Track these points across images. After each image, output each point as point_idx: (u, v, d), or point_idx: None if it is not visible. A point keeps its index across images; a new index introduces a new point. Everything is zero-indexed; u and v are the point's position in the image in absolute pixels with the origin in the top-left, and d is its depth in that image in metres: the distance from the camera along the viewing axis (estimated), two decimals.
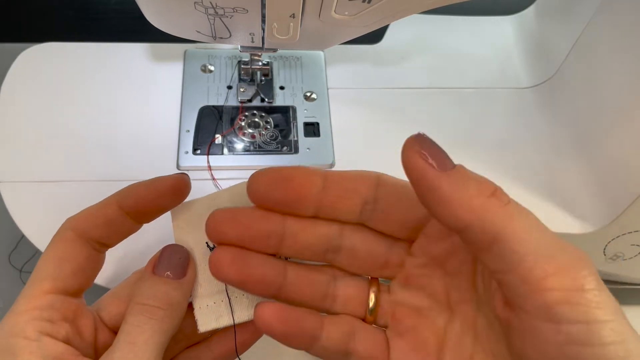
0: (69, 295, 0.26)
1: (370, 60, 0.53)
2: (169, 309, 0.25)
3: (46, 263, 0.26)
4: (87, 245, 0.27)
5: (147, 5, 0.35)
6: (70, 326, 0.26)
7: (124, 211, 0.28)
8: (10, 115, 0.45)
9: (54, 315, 0.25)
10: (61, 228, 0.27)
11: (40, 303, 0.25)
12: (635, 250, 0.45)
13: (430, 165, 0.22)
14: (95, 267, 0.29)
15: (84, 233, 0.27)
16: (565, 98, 0.49)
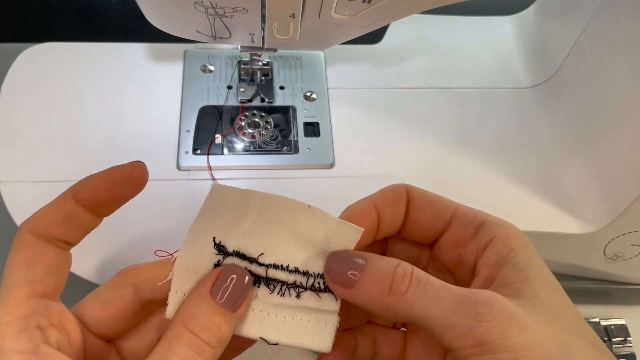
0: (47, 299, 0.25)
1: (370, 60, 0.53)
2: (218, 348, 0.24)
3: (16, 269, 0.24)
4: (51, 244, 0.26)
5: (147, 5, 0.35)
6: (59, 332, 0.24)
7: (81, 204, 0.27)
8: (10, 115, 0.45)
9: (42, 322, 0.23)
10: (18, 233, 0.25)
11: (25, 311, 0.23)
12: (635, 250, 0.45)
13: (341, 287, 0.25)
14: (65, 266, 0.27)
15: (45, 233, 0.26)
16: (565, 98, 0.49)
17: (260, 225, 0.28)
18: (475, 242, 0.26)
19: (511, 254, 0.24)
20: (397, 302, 0.23)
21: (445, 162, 0.46)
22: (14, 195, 0.41)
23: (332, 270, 0.26)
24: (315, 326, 0.26)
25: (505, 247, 0.25)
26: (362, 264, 0.25)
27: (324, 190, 0.44)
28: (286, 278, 0.27)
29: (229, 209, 0.28)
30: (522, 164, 0.47)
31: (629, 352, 0.47)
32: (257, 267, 0.27)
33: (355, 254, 0.26)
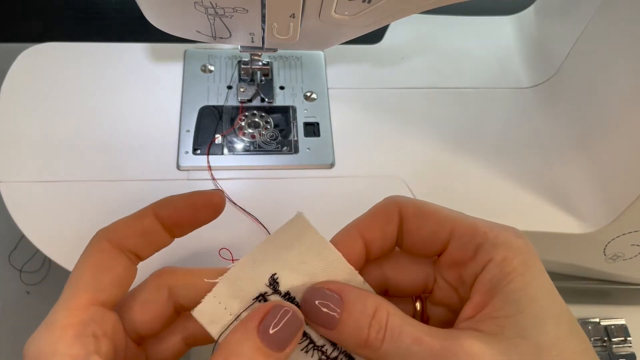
0: (107, 308, 0.25)
1: (370, 60, 0.53)
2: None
3: (84, 273, 0.25)
4: (123, 255, 0.26)
5: (147, 5, 0.35)
6: (109, 343, 0.24)
7: (160, 221, 0.27)
8: (10, 115, 0.45)
9: (97, 331, 0.23)
10: (95, 238, 0.26)
11: (84, 316, 0.23)
12: (635, 250, 0.45)
13: (322, 327, 0.25)
14: (130, 279, 0.27)
15: (120, 243, 0.26)
16: (565, 98, 0.49)
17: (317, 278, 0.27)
18: (473, 264, 0.25)
19: (505, 281, 0.23)
20: (372, 354, 0.23)
21: (445, 162, 0.46)
22: (14, 195, 0.41)
23: (309, 304, 0.25)
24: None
25: (500, 272, 0.23)
26: (339, 301, 0.24)
27: (324, 190, 0.44)
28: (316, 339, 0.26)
29: (302, 248, 0.27)
30: (522, 164, 0.47)
31: (629, 352, 0.47)
32: None
33: (331, 289, 0.25)
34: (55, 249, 0.39)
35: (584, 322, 0.49)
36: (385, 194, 0.44)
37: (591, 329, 0.48)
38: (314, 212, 0.43)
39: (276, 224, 0.42)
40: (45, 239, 0.39)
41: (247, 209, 0.42)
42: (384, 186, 0.45)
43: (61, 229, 0.40)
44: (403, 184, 0.45)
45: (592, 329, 0.48)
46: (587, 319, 0.49)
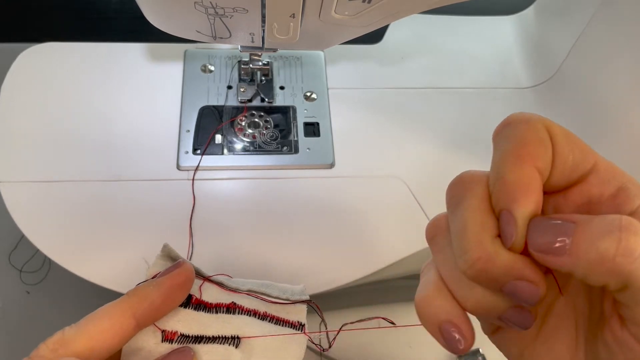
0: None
1: (370, 60, 0.53)
2: None
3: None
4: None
5: (147, 5, 0.35)
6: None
7: (136, 322, 0.25)
8: (10, 115, 0.45)
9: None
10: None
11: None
12: None
13: (552, 255, 0.20)
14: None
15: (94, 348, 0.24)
16: (565, 98, 0.49)
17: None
18: (614, 205, 0.21)
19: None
20: (627, 266, 0.19)
21: (445, 161, 0.46)
22: (14, 195, 0.41)
23: (537, 241, 0.21)
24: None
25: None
26: (572, 229, 0.20)
27: (324, 190, 0.44)
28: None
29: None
30: None
31: None
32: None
33: (561, 217, 0.21)
34: (55, 249, 0.39)
35: None
36: (385, 194, 0.44)
37: None
38: (314, 212, 0.44)
39: (276, 224, 0.42)
40: (45, 239, 0.39)
41: (247, 208, 0.42)
42: (384, 186, 0.45)
43: (61, 229, 0.40)
44: (403, 184, 0.45)
45: None
46: None
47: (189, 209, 0.41)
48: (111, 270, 0.39)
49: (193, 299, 0.28)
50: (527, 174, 0.21)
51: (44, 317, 0.46)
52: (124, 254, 0.39)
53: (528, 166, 0.21)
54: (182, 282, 0.27)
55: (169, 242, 0.31)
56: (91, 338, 0.24)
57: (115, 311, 0.25)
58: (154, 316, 0.26)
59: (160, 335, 0.27)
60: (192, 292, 0.28)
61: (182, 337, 0.27)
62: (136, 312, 0.25)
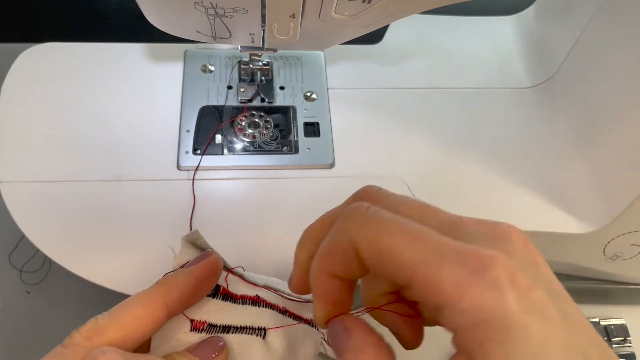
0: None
1: (370, 60, 0.53)
2: None
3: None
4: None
5: (147, 5, 0.35)
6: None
7: (168, 311, 0.26)
8: (11, 115, 0.45)
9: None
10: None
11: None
12: (635, 250, 0.45)
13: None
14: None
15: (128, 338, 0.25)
16: (565, 98, 0.49)
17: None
18: (441, 322, 0.21)
19: (481, 352, 0.18)
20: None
21: (445, 161, 0.46)
22: (14, 195, 0.41)
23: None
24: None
25: (471, 343, 0.19)
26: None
27: (324, 190, 0.44)
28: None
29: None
30: (522, 164, 0.47)
31: (628, 352, 0.47)
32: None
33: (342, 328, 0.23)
34: (55, 249, 0.39)
35: None
36: None
37: None
38: (314, 212, 0.43)
39: (276, 224, 0.42)
40: (45, 239, 0.39)
41: (247, 208, 0.42)
42: (384, 186, 0.45)
43: (61, 229, 0.40)
44: (403, 184, 0.45)
45: None
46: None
47: (189, 208, 0.41)
48: (111, 270, 0.39)
49: (221, 289, 0.28)
50: (322, 282, 0.23)
51: (44, 317, 0.46)
52: (124, 254, 0.39)
53: (324, 274, 0.23)
54: (211, 272, 0.27)
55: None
56: (124, 326, 0.24)
57: (147, 299, 0.25)
58: (185, 304, 0.26)
59: (189, 324, 0.27)
60: (219, 283, 0.28)
61: (210, 326, 0.27)
62: (167, 300, 0.25)
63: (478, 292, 0.19)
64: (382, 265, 0.21)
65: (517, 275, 0.19)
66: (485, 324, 0.18)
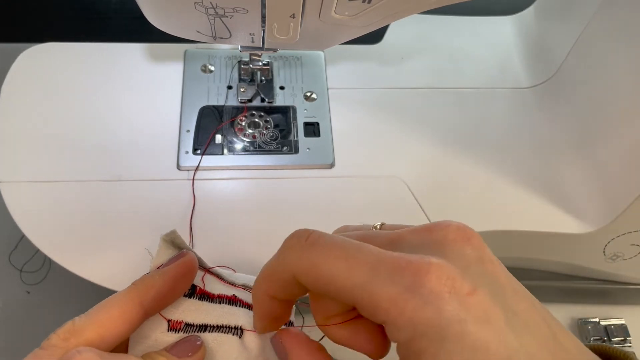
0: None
1: (370, 61, 0.53)
2: None
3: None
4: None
5: (147, 5, 0.35)
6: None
7: (143, 311, 0.26)
8: (11, 115, 0.45)
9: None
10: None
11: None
12: (634, 250, 0.45)
13: None
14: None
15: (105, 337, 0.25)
16: (565, 98, 0.49)
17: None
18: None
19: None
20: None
21: (445, 162, 0.46)
22: (14, 195, 0.41)
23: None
24: None
25: (409, 355, 0.20)
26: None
27: (324, 190, 0.44)
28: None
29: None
30: (522, 164, 0.47)
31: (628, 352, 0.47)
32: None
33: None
34: (55, 249, 0.39)
35: (584, 322, 0.49)
36: (385, 194, 0.44)
37: (591, 328, 0.48)
38: (314, 212, 0.44)
39: (276, 224, 0.42)
40: (46, 238, 0.39)
41: (247, 208, 0.42)
42: (384, 186, 0.45)
43: (61, 229, 0.40)
44: (403, 184, 0.45)
45: (591, 328, 0.48)
46: (586, 319, 0.49)
47: (189, 208, 0.41)
48: (111, 269, 0.39)
49: (197, 289, 0.29)
50: (262, 301, 0.25)
51: (44, 317, 0.46)
52: (125, 254, 0.39)
53: (264, 295, 0.25)
54: (186, 271, 0.27)
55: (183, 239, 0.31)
56: (101, 326, 0.24)
57: (124, 300, 0.25)
58: (161, 304, 0.27)
59: (167, 324, 0.27)
60: (195, 283, 0.29)
61: (187, 326, 0.28)
62: (143, 301, 0.26)
63: (414, 307, 0.19)
64: (325, 291, 0.22)
65: (456, 281, 0.19)
66: (423, 337, 0.19)
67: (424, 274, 0.19)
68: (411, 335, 0.19)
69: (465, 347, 0.18)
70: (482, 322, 0.19)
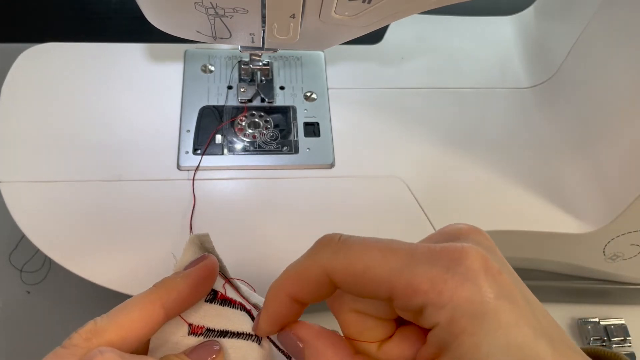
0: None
1: (370, 61, 0.53)
2: None
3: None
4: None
5: (147, 5, 0.35)
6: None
7: (165, 313, 0.26)
8: (11, 115, 0.45)
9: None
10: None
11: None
12: (634, 250, 0.45)
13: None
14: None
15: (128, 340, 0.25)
16: (565, 98, 0.49)
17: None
18: (421, 322, 0.21)
19: (454, 344, 0.20)
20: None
21: (445, 162, 0.46)
22: (14, 195, 0.41)
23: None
24: None
25: (448, 335, 0.20)
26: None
27: (324, 190, 0.44)
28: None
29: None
30: (522, 164, 0.47)
31: (628, 352, 0.47)
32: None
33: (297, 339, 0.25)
34: (55, 249, 0.39)
35: (584, 322, 0.49)
36: (385, 194, 0.44)
37: (591, 328, 0.48)
38: (314, 212, 0.44)
39: (276, 224, 0.42)
40: (46, 238, 0.39)
41: (247, 208, 0.42)
42: (384, 186, 0.45)
43: (61, 229, 0.40)
44: (403, 184, 0.45)
45: (591, 328, 0.48)
46: (586, 319, 0.49)
47: (189, 208, 0.41)
48: (112, 269, 0.39)
49: (219, 294, 0.29)
50: (279, 302, 0.25)
51: (44, 317, 0.46)
52: (125, 254, 0.39)
53: (285, 296, 0.24)
54: (207, 274, 0.27)
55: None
56: (122, 327, 0.24)
57: (145, 301, 0.25)
58: (182, 306, 0.27)
59: (187, 328, 0.27)
60: (217, 289, 0.28)
61: (208, 331, 0.28)
62: (165, 303, 0.26)
63: (454, 285, 0.20)
64: (360, 286, 0.22)
65: (489, 261, 0.20)
66: (462, 317, 0.19)
67: (460, 254, 0.20)
68: (450, 316, 0.19)
69: (501, 325, 0.19)
70: (511, 302, 0.20)
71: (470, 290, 0.19)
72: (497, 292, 0.20)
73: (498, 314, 0.19)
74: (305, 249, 0.24)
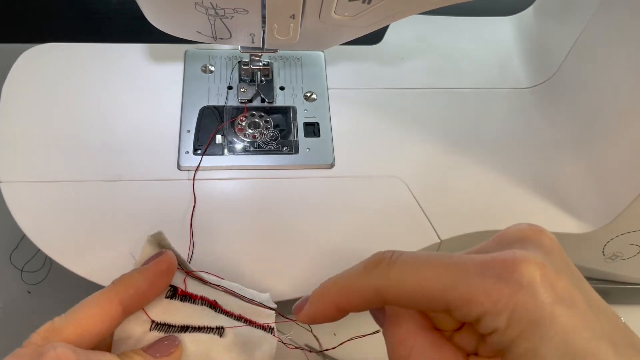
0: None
1: (370, 61, 0.53)
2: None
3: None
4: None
5: (147, 6, 0.35)
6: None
7: (123, 308, 0.27)
8: (11, 115, 0.45)
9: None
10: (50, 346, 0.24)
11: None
12: (634, 250, 0.45)
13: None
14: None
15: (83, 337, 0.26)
16: (565, 98, 0.49)
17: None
18: (480, 329, 0.22)
19: (512, 346, 0.20)
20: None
21: (445, 162, 0.47)
22: (14, 195, 0.41)
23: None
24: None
25: (506, 339, 0.20)
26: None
27: (324, 190, 0.44)
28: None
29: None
30: (522, 164, 0.47)
31: None
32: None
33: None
34: (55, 249, 0.39)
35: None
36: (385, 194, 0.44)
37: None
38: (314, 212, 0.44)
39: (276, 224, 0.42)
40: (46, 238, 0.39)
41: (247, 208, 0.43)
42: (384, 186, 0.45)
43: (62, 228, 0.40)
44: (402, 184, 0.45)
45: None
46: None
47: (190, 209, 0.42)
48: (112, 269, 0.39)
49: (179, 290, 0.29)
50: (326, 309, 0.25)
51: (45, 317, 0.46)
52: (125, 254, 0.39)
53: (333, 304, 0.24)
54: (165, 269, 0.28)
55: (169, 242, 0.31)
56: (80, 325, 0.25)
57: (103, 298, 0.26)
58: (141, 302, 0.27)
59: (150, 324, 0.28)
60: (177, 285, 0.29)
61: (168, 326, 0.28)
62: (123, 299, 0.26)
63: (509, 293, 0.20)
64: (414, 302, 0.22)
65: (545, 267, 0.20)
66: (518, 323, 0.20)
67: (513, 262, 0.20)
68: (507, 323, 0.20)
69: (558, 330, 0.19)
70: (569, 306, 0.20)
71: (525, 296, 0.20)
72: (553, 297, 0.20)
73: (555, 319, 0.19)
74: (306, 248, 0.24)
